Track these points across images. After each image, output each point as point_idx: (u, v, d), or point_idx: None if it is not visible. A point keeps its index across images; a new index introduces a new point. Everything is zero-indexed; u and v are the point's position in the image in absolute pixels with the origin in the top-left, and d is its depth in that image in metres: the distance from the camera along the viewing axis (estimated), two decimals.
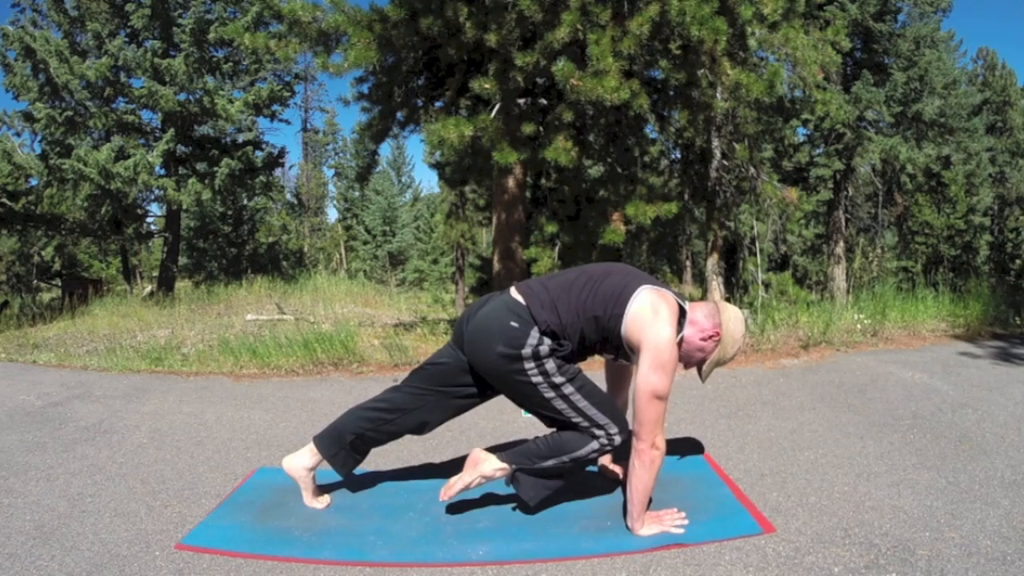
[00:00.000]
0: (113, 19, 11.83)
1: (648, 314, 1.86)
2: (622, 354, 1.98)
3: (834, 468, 2.37)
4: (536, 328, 1.87)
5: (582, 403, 1.89)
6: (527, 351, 1.86)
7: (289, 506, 2.14)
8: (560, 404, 1.90)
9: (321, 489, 2.20)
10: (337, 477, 2.24)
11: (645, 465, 1.83)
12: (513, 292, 1.99)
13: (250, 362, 4.61)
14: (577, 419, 1.90)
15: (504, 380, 1.93)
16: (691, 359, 1.99)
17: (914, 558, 1.73)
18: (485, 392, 2.06)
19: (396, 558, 1.81)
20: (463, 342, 2.00)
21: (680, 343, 1.91)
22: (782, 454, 2.55)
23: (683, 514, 1.96)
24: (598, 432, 1.89)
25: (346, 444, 2.10)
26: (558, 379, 1.89)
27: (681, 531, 1.89)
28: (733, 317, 1.96)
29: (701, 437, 2.79)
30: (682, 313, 1.94)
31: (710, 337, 1.93)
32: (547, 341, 1.87)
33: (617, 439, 1.90)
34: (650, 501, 1.96)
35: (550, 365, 1.88)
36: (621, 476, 2.22)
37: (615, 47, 4.30)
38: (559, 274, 2.08)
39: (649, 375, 1.82)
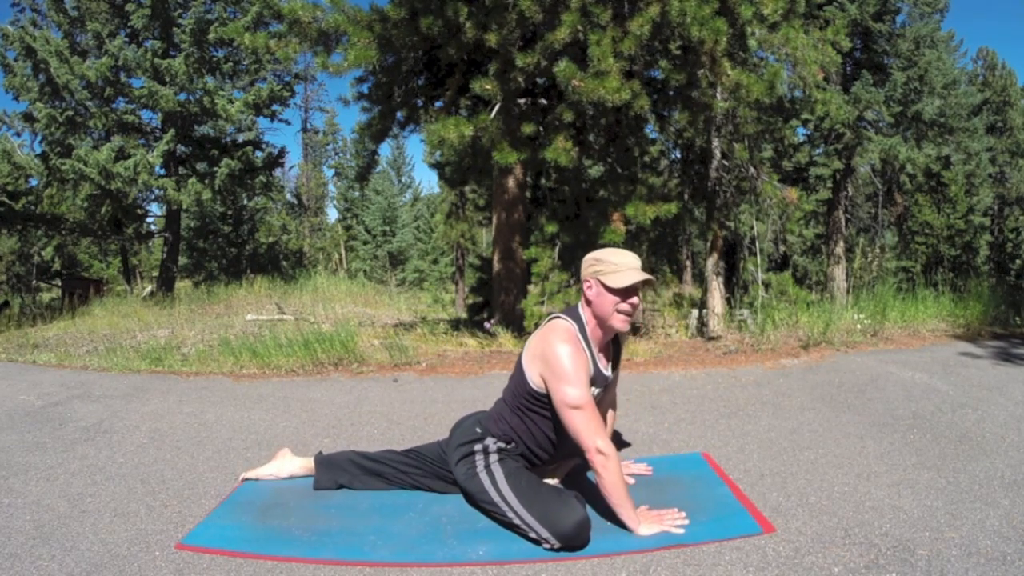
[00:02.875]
0: (113, 19, 11.84)
1: (535, 352, 1.99)
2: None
3: (834, 468, 2.37)
4: (492, 436, 2.08)
5: (513, 501, 1.92)
6: (478, 447, 2.07)
7: (289, 506, 2.14)
8: (494, 496, 1.95)
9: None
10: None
11: (600, 472, 1.87)
12: (482, 414, 2.21)
13: (250, 362, 4.61)
14: (512, 517, 1.91)
15: (459, 472, 2.08)
16: (615, 315, 2.00)
17: (914, 558, 1.73)
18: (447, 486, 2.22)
19: (396, 558, 1.81)
20: (449, 441, 2.21)
21: (601, 326, 2.02)
22: (782, 454, 2.56)
23: (683, 514, 1.96)
24: (531, 535, 1.88)
25: (336, 485, 2.30)
26: (496, 469, 1.99)
27: (681, 531, 1.89)
28: (588, 260, 2.04)
29: (701, 437, 2.79)
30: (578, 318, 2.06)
31: (590, 289, 2.01)
32: (499, 443, 2.06)
33: (554, 543, 1.82)
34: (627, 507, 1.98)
35: (493, 457, 2.04)
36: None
37: (616, 48, 4.30)
38: (502, 404, 2.19)
39: (556, 390, 1.91)
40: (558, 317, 2.06)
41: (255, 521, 2.04)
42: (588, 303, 2.03)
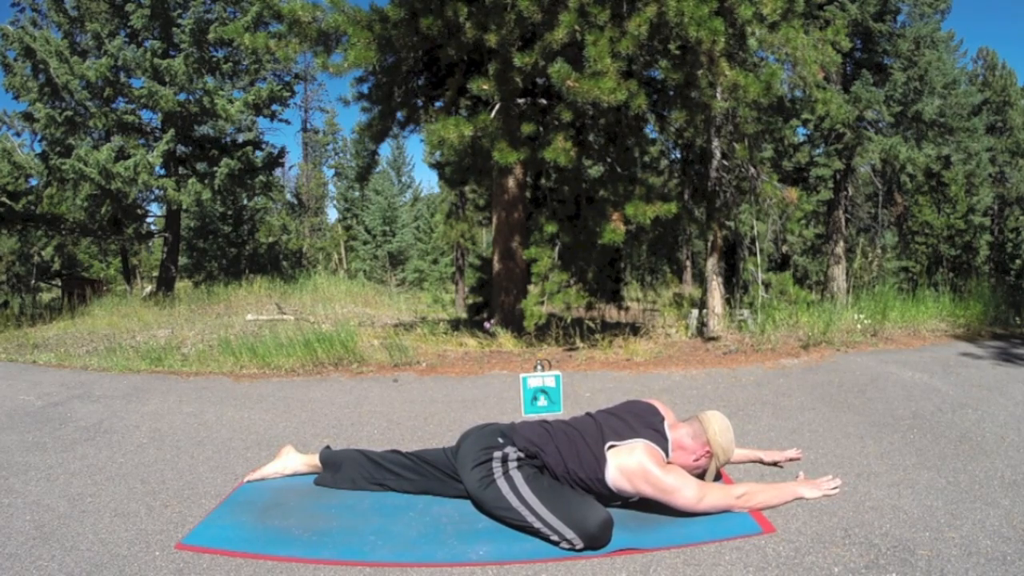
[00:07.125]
0: (113, 19, 11.83)
1: (634, 470, 1.93)
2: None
3: (834, 468, 2.37)
4: (514, 446, 2.04)
5: (536, 504, 1.89)
6: (497, 454, 2.03)
7: (289, 506, 2.14)
8: (514, 502, 1.91)
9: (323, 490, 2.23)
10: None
11: (747, 509, 2.00)
12: (504, 426, 2.18)
13: (250, 362, 4.61)
14: (532, 521, 1.88)
15: (471, 478, 2.02)
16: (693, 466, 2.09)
17: (914, 558, 1.73)
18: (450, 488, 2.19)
19: (396, 558, 1.81)
20: (459, 449, 2.16)
21: (680, 450, 2.05)
22: None
23: (838, 480, 2.18)
24: (553, 537, 1.85)
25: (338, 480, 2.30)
26: (515, 474, 1.96)
27: (836, 492, 2.12)
28: (720, 430, 2.06)
29: None
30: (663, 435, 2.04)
31: (701, 457, 2.05)
32: (520, 454, 2.02)
33: (579, 543, 1.82)
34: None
35: (512, 464, 2.00)
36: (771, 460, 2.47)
37: (613, 48, 4.30)
38: (542, 431, 2.13)
39: (674, 500, 1.92)
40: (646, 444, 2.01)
41: (255, 521, 2.04)
42: (685, 457, 2.05)
